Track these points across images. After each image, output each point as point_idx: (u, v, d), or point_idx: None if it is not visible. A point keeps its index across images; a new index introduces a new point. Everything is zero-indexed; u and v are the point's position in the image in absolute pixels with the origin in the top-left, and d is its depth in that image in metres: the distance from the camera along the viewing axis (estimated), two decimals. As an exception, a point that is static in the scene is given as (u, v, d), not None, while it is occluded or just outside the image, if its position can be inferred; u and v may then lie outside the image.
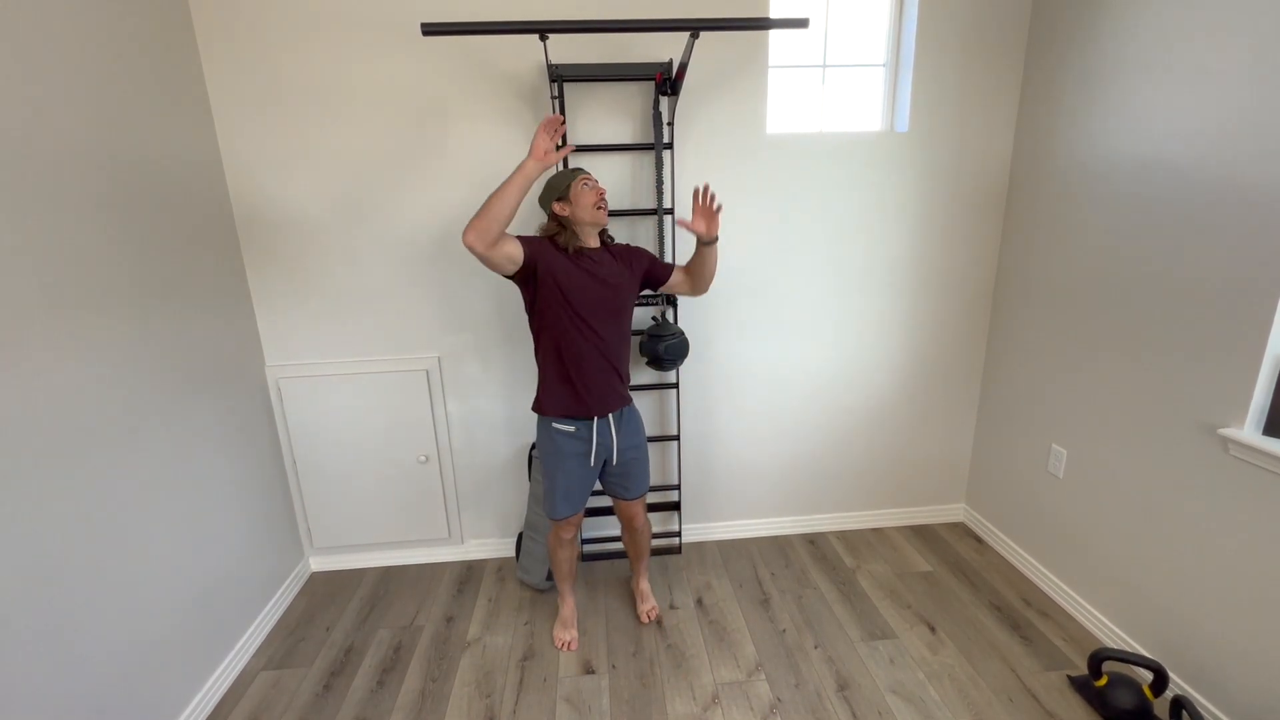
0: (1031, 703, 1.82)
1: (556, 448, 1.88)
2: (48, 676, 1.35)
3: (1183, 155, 1.69)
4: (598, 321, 1.78)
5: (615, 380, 1.86)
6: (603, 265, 1.80)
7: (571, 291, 1.74)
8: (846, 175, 2.32)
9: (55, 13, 1.45)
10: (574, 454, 1.88)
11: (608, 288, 1.78)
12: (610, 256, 1.84)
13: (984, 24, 2.21)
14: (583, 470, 1.91)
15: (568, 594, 2.17)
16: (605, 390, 1.84)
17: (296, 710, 1.85)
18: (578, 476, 1.92)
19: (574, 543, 2.10)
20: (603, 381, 1.83)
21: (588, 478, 1.94)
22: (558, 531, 2.02)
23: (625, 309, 1.86)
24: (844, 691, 1.87)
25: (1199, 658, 1.73)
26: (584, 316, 1.77)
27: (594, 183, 1.77)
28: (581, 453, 1.89)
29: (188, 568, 1.82)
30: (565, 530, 2.02)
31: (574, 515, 1.98)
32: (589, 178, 1.76)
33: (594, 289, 1.76)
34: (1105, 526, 2.03)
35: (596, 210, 1.75)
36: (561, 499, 1.93)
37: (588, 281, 1.76)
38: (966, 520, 2.79)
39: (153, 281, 1.72)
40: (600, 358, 1.81)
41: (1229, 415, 1.61)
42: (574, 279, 1.74)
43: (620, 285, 1.81)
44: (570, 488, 1.92)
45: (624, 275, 1.83)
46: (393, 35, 2.03)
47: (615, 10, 2.05)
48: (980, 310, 2.54)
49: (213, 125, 2.05)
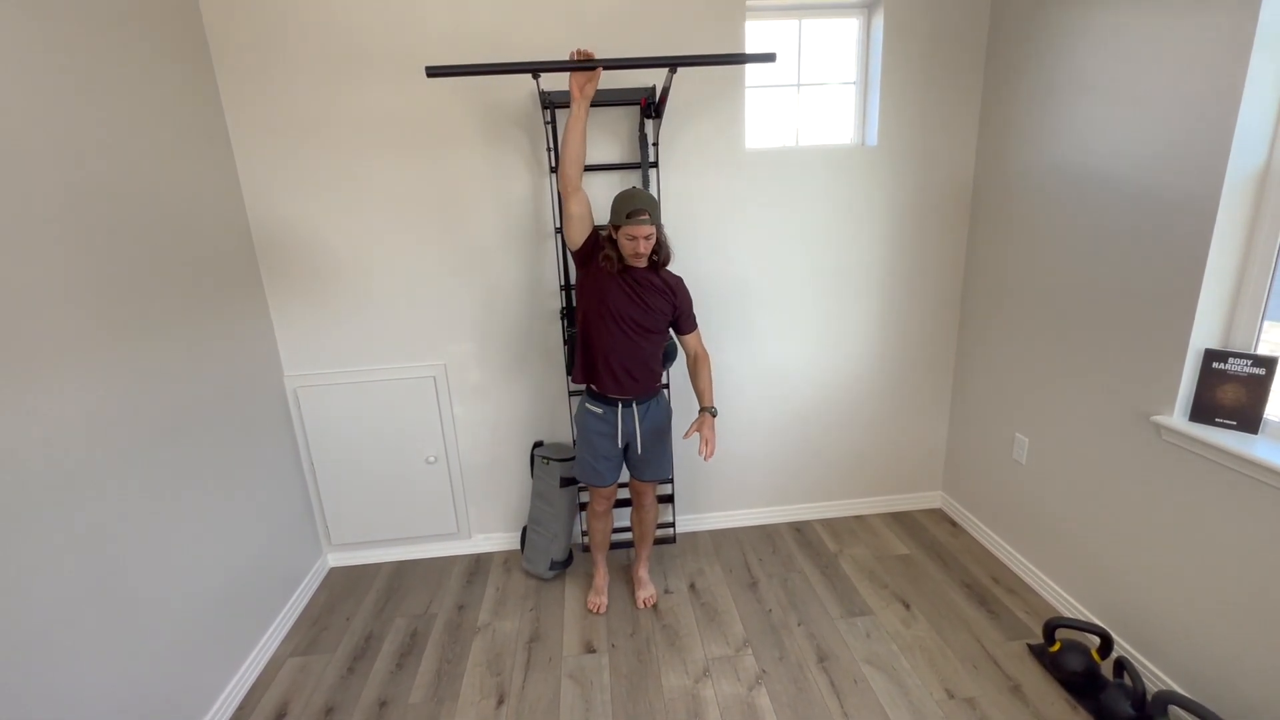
0: (994, 669, 2.00)
1: (585, 426, 2.16)
2: (109, 666, 1.52)
3: (1116, 169, 1.87)
4: (629, 328, 1.98)
5: (636, 376, 2.05)
6: (645, 285, 1.97)
7: (608, 297, 1.95)
8: (822, 186, 2.49)
9: (87, 63, 1.61)
10: (600, 433, 2.13)
11: (642, 306, 1.97)
12: (657, 280, 2.00)
13: (945, 46, 2.38)
14: (608, 448, 2.14)
15: (600, 563, 2.42)
16: (626, 382, 2.04)
17: (324, 691, 2.03)
18: (603, 453, 2.15)
19: (607, 515, 2.33)
20: (624, 375, 2.03)
21: (612, 455, 2.17)
22: (592, 503, 2.29)
23: (655, 330, 2.03)
24: (824, 663, 2.05)
25: (1141, 623, 1.91)
26: (616, 321, 1.97)
27: (641, 236, 1.86)
28: (607, 434, 2.12)
29: (218, 566, 1.98)
30: (598, 502, 2.28)
31: (604, 488, 2.21)
32: (637, 231, 1.85)
33: (628, 304, 1.96)
34: (1062, 508, 2.21)
35: (632, 257, 1.92)
36: (590, 471, 2.18)
37: (625, 295, 1.96)
38: (943, 506, 2.97)
39: (181, 304, 1.89)
40: (623, 356, 2.01)
41: (1160, 404, 1.79)
42: (614, 287, 1.95)
43: (655, 309, 2.00)
44: (594, 461, 2.16)
45: (662, 301, 2.01)
46: (399, 70, 2.19)
47: (601, 40, 2.21)
48: (950, 310, 2.72)
49: (232, 156, 2.21)
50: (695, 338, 2.14)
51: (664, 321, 2.05)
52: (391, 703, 1.97)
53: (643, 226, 1.85)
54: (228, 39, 2.11)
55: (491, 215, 2.38)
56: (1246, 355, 1.63)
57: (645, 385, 2.09)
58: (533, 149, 2.33)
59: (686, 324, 2.11)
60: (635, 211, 1.85)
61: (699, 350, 2.14)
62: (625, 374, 2.03)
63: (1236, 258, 1.64)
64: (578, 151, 1.84)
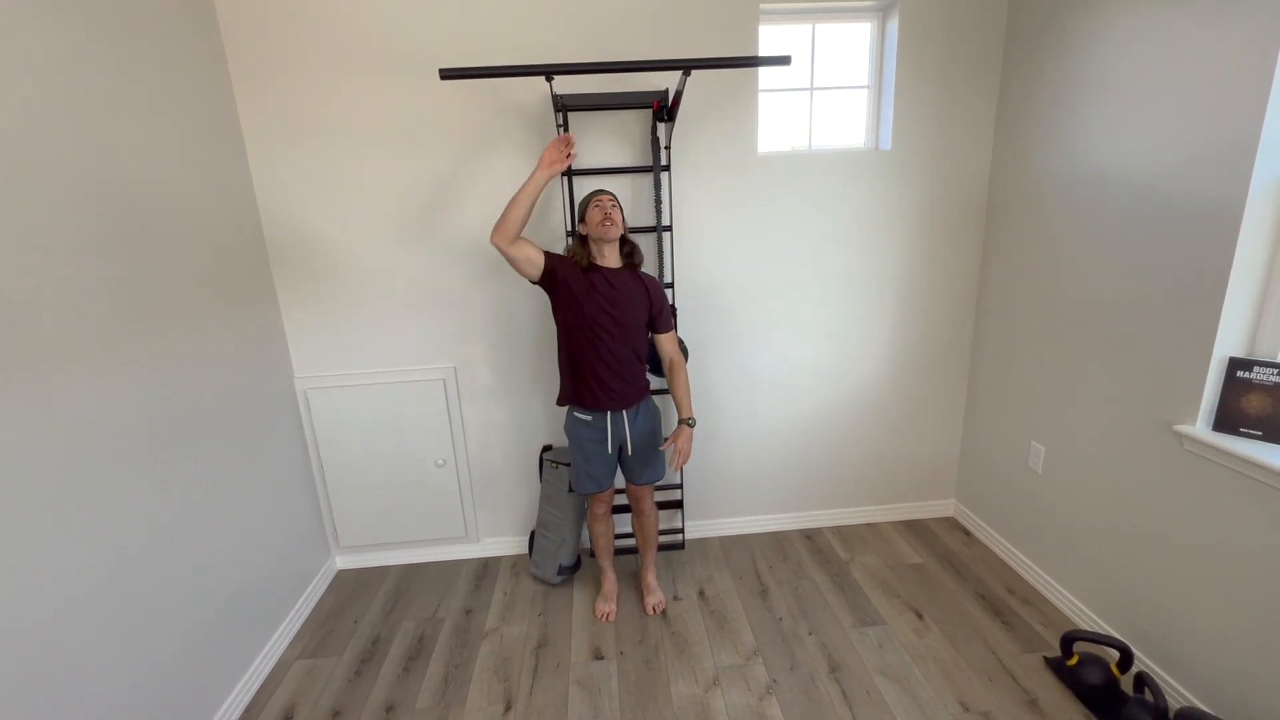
0: (1009, 681, 1.96)
1: (576, 433, 2.15)
2: (116, 667, 1.52)
3: (1137, 174, 1.84)
4: (605, 332, 1.98)
5: (622, 382, 2.04)
6: (617, 285, 1.98)
7: (584, 302, 1.95)
8: (834, 190, 2.47)
9: (105, 68, 1.62)
10: (591, 440, 2.12)
11: (616, 306, 1.97)
12: (631, 278, 2.01)
13: (960, 50, 2.36)
14: (600, 453, 2.13)
15: (608, 569, 2.40)
16: (613, 389, 2.04)
17: (331, 694, 2.02)
18: (596, 458, 2.14)
19: (606, 519, 2.31)
20: (610, 382, 2.03)
21: (606, 461, 2.15)
22: (592, 508, 2.28)
23: (635, 327, 2.03)
24: (835, 673, 2.02)
25: (1161, 636, 1.87)
26: (593, 326, 1.97)
27: (605, 202, 1.95)
28: (597, 439, 2.11)
29: (226, 566, 1.98)
30: (597, 506, 2.27)
31: (600, 493, 2.20)
32: (602, 198, 1.96)
33: (603, 304, 1.96)
34: (1079, 518, 2.17)
35: (600, 226, 1.93)
36: (584, 477, 2.18)
37: (598, 297, 1.95)
38: (956, 515, 2.93)
39: (193, 305, 1.89)
40: (607, 363, 2.01)
41: (1183, 413, 1.75)
42: (586, 293, 1.95)
43: (630, 306, 2.00)
44: (589, 468, 2.16)
45: (637, 298, 2.01)
46: (412, 72, 2.20)
47: (614, 41, 2.21)
48: (965, 316, 2.69)
49: (246, 157, 2.22)
50: (670, 339, 2.13)
51: (642, 318, 2.04)
52: (398, 707, 1.96)
53: (605, 195, 1.96)
54: (243, 41, 2.13)
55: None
56: (1272, 364, 1.59)
57: (631, 393, 2.09)
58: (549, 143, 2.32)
59: (662, 323, 2.09)
60: (594, 191, 1.99)
61: (674, 355, 2.12)
62: (611, 382, 2.03)
63: (1261, 265, 1.60)
64: (523, 216, 1.84)
